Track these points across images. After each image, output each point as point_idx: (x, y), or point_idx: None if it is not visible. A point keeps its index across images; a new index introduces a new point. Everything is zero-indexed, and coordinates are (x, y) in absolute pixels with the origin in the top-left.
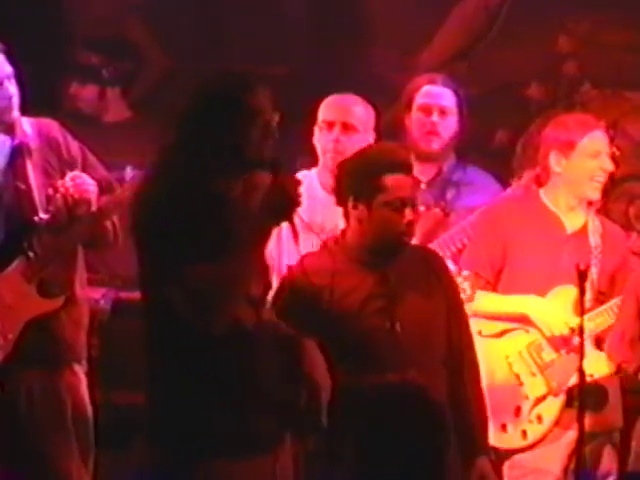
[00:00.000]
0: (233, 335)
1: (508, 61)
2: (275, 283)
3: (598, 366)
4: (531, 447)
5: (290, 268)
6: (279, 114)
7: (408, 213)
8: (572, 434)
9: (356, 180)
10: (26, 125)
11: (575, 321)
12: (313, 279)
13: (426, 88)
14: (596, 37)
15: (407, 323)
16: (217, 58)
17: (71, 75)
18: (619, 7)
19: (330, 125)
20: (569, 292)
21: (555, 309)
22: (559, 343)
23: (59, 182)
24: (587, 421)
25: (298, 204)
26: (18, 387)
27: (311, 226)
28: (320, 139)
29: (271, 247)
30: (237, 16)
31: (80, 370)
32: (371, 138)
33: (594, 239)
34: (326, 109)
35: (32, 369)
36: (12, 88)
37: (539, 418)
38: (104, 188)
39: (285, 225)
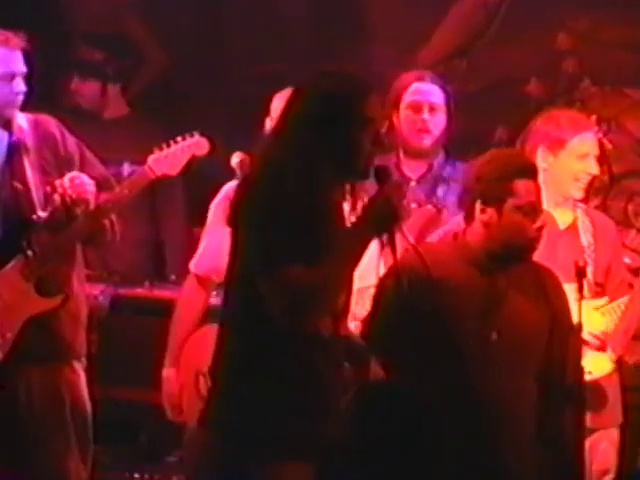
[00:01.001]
0: (309, 342)
1: (507, 58)
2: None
3: (597, 365)
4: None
5: (408, 251)
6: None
7: (540, 219)
8: None
9: (486, 184)
10: (22, 121)
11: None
12: (428, 270)
13: (415, 85)
14: (595, 34)
15: (505, 332)
16: (217, 55)
17: (71, 71)
18: (618, 4)
19: None
20: (568, 289)
21: None
22: None
23: (57, 182)
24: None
25: (401, 217)
26: (17, 385)
27: None
28: None
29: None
30: (236, 13)
31: (79, 367)
32: None
33: (586, 238)
34: None
35: (31, 367)
36: (22, 86)
37: None
38: (102, 185)
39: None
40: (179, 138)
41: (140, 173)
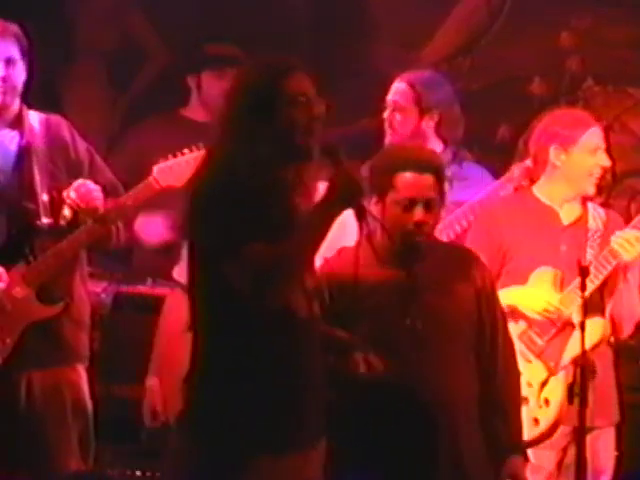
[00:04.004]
0: (287, 324)
1: (511, 57)
2: None
3: (590, 333)
4: (545, 435)
5: (327, 261)
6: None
7: (419, 212)
8: (565, 429)
9: (374, 178)
10: (34, 120)
11: (555, 299)
12: (345, 274)
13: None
14: (599, 33)
15: (429, 319)
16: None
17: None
18: (622, 3)
19: None
20: (547, 274)
21: (536, 292)
22: (547, 325)
23: (64, 193)
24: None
25: (362, 191)
26: (18, 387)
27: None
28: None
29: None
30: (237, 10)
31: (81, 367)
32: None
33: (595, 223)
34: None
35: (32, 370)
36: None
37: (547, 402)
38: (109, 191)
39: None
40: (185, 150)
41: (145, 184)
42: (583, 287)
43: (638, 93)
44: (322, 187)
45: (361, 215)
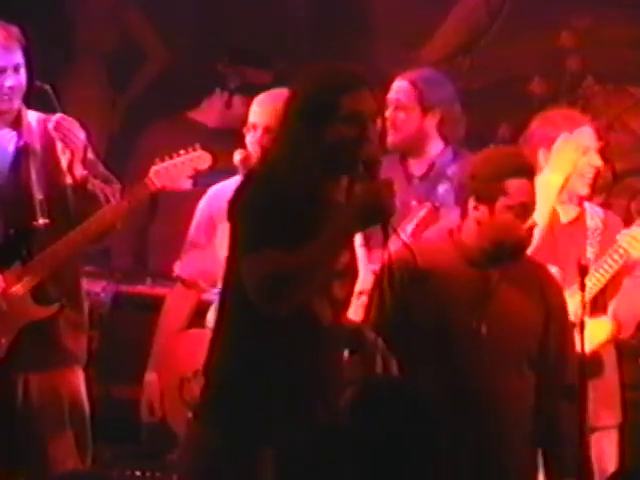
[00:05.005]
0: (306, 330)
1: (510, 56)
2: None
3: (593, 334)
4: None
5: (402, 247)
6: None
7: (530, 218)
8: None
9: (480, 182)
10: (32, 121)
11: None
12: (423, 266)
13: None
14: (599, 32)
15: (495, 326)
16: (217, 55)
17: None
18: (621, 2)
19: None
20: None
21: None
22: None
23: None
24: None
25: (391, 212)
26: (15, 385)
27: None
28: None
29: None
30: (237, 10)
31: (78, 368)
32: None
33: (594, 222)
34: None
35: (29, 370)
36: (11, 80)
37: None
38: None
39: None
40: (182, 151)
41: (141, 185)
42: (582, 286)
43: (638, 92)
44: None
45: (387, 235)
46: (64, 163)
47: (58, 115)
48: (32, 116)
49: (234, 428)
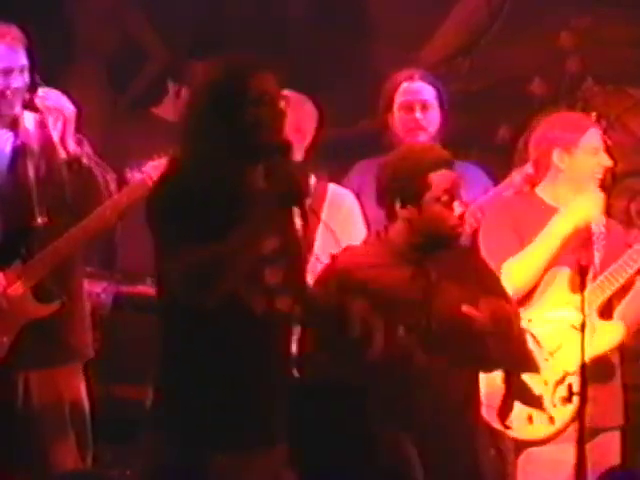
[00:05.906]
0: (239, 320)
1: (510, 57)
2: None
3: (599, 341)
4: (561, 432)
5: (333, 259)
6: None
7: (457, 206)
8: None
9: (403, 182)
10: (29, 121)
11: (571, 298)
12: (356, 273)
13: (405, 85)
14: (598, 32)
15: (441, 320)
16: (217, 52)
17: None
18: (621, 2)
19: None
20: (563, 274)
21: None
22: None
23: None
24: (588, 418)
25: (307, 192)
26: (16, 383)
27: None
28: None
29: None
30: (237, 10)
31: (79, 366)
32: None
33: (597, 227)
34: None
35: (30, 368)
36: (17, 82)
37: (562, 400)
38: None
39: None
40: None
41: (138, 181)
42: (583, 286)
43: (638, 93)
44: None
45: (305, 215)
46: (56, 137)
47: (45, 89)
48: (29, 117)
49: (177, 429)
